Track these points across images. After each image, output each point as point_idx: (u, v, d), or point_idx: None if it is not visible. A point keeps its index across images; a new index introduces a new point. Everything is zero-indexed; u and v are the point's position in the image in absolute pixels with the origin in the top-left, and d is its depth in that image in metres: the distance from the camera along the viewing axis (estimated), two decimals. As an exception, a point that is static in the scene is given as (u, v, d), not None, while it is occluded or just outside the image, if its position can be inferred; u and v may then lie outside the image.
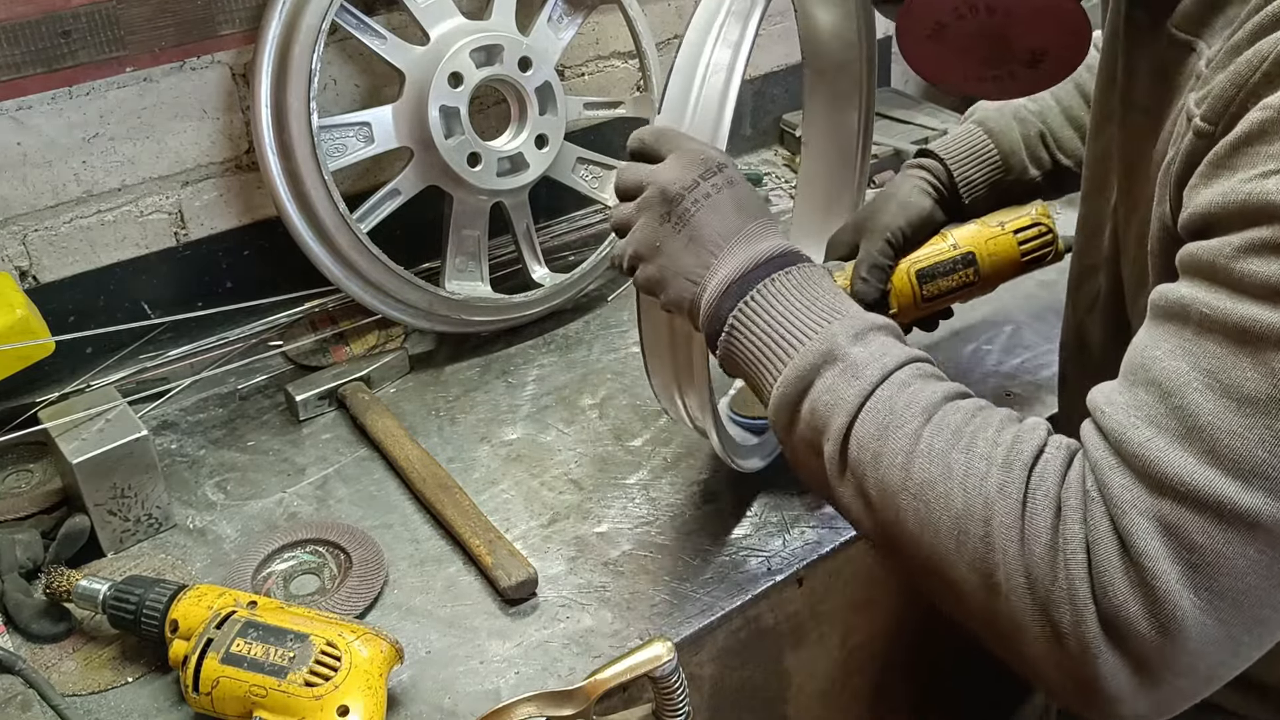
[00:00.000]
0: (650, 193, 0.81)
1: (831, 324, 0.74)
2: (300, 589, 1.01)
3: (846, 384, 0.71)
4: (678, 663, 0.84)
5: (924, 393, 0.70)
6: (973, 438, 0.67)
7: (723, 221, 0.79)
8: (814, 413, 0.72)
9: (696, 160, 0.81)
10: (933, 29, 0.77)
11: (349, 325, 1.31)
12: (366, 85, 1.34)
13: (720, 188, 0.80)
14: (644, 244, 0.82)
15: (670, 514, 1.10)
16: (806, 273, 0.77)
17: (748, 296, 0.76)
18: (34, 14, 1.09)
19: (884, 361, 0.72)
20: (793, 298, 0.76)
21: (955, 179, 1.12)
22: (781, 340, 0.75)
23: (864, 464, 0.70)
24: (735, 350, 0.77)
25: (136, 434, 1.03)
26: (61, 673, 0.93)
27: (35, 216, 1.18)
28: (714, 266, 0.79)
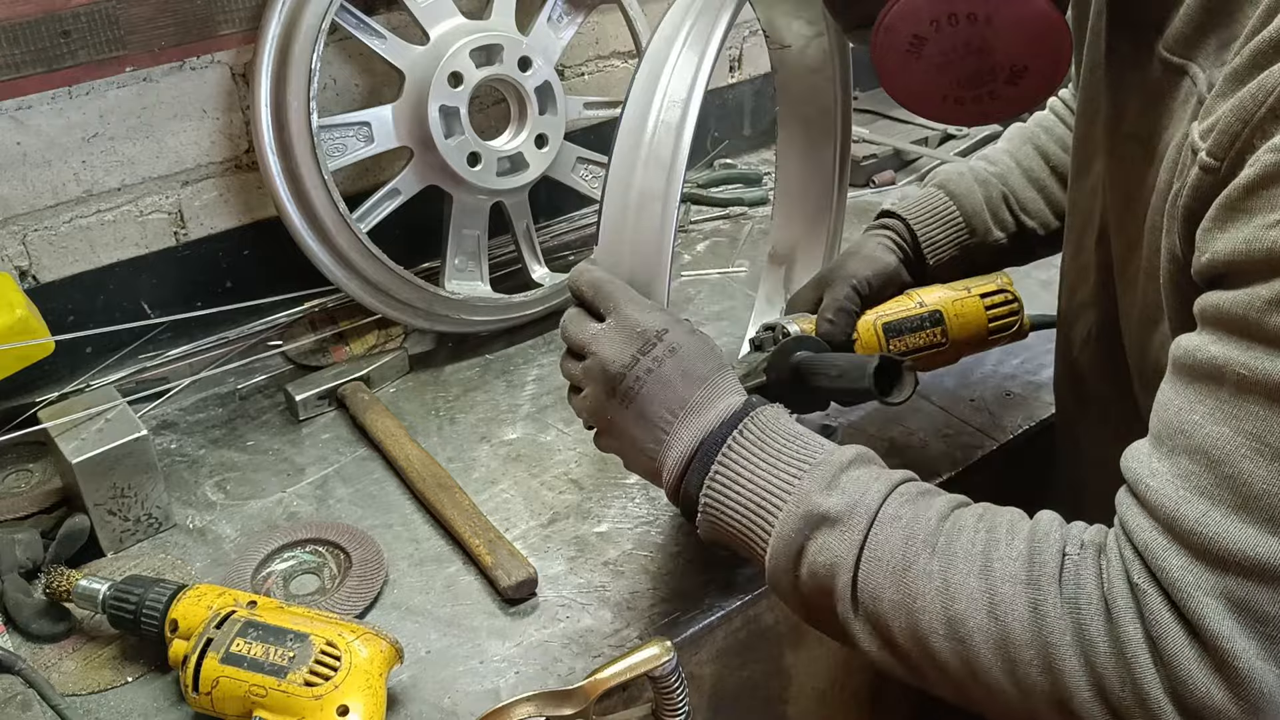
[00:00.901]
0: (593, 364, 0.80)
1: (801, 479, 0.72)
2: (300, 589, 1.01)
3: (837, 540, 0.70)
4: (677, 662, 0.84)
5: (918, 520, 0.69)
6: (987, 559, 0.66)
7: (669, 395, 0.78)
8: (814, 576, 0.71)
9: (634, 334, 0.79)
10: (910, 43, 0.75)
11: (349, 325, 1.31)
12: (366, 85, 1.34)
13: (661, 360, 0.78)
14: (595, 416, 0.82)
15: (670, 514, 1.09)
16: (761, 423, 0.76)
17: (712, 470, 0.75)
18: (34, 14, 1.09)
19: (866, 503, 0.70)
20: (757, 458, 0.74)
21: (919, 239, 1.10)
22: (759, 509, 0.73)
23: (884, 615, 0.68)
24: (717, 527, 0.77)
25: (136, 434, 1.03)
26: (61, 672, 0.93)
27: (35, 216, 1.18)
28: (667, 443, 0.78)
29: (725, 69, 1.71)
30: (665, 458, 0.78)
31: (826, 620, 0.73)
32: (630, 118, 0.85)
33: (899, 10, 0.74)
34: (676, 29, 0.85)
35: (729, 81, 1.72)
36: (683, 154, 0.82)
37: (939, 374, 1.20)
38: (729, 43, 1.68)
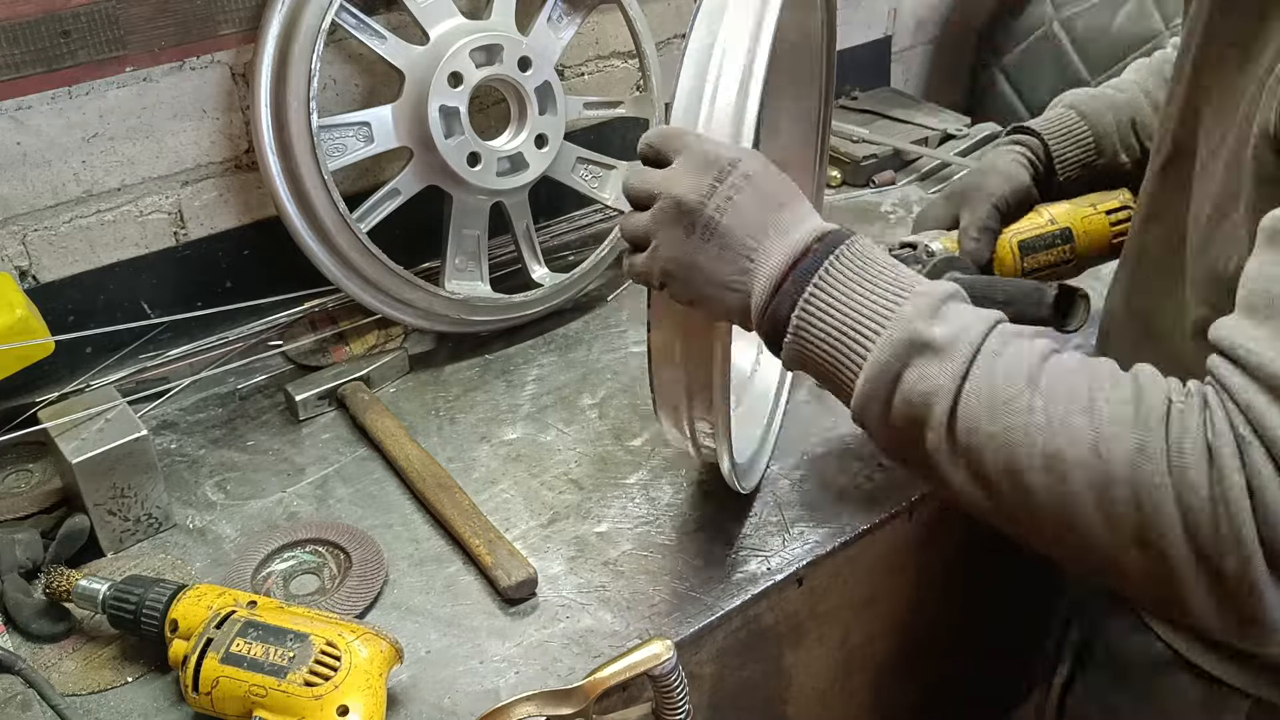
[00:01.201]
0: (666, 204, 0.78)
1: (903, 305, 0.71)
2: (300, 589, 1.01)
3: (938, 368, 0.68)
4: (677, 662, 0.84)
5: (1020, 358, 0.68)
6: (1092, 399, 0.65)
7: (751, 220, 0.75)
8: (909, 403, 0.69)
9: (708, 163, 0.77)
10: None
11: (349, 325, 1.31)
12: (366, 85, 1.34)
13: (739, 187, 0.76)
14: (672, 261, 0.78)
15: (670, 513, 1.10)
16: (856, 250, 0.74)
17: (805, 293, 0.73)
18: (34, 14, 1.09)
19: (970, 336, 0.69)
20: (853, 283, 0.72)
21: (1052, 156, 1.12)
22: (854, 333, 0.71)
23: (979, 447, 0.67)
24: (806, 351, 0.74)
25: (136, 434, 1.03)
26: (61, 672, 0.93)
27: (35, 216, 1.18)
28: (753, 270, 0.75)
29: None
30: (753, 283, 0.75)
31: (912, 452, 0.71)
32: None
33: None
34: None
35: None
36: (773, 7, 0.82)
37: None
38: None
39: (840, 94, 1.86)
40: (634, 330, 1.38)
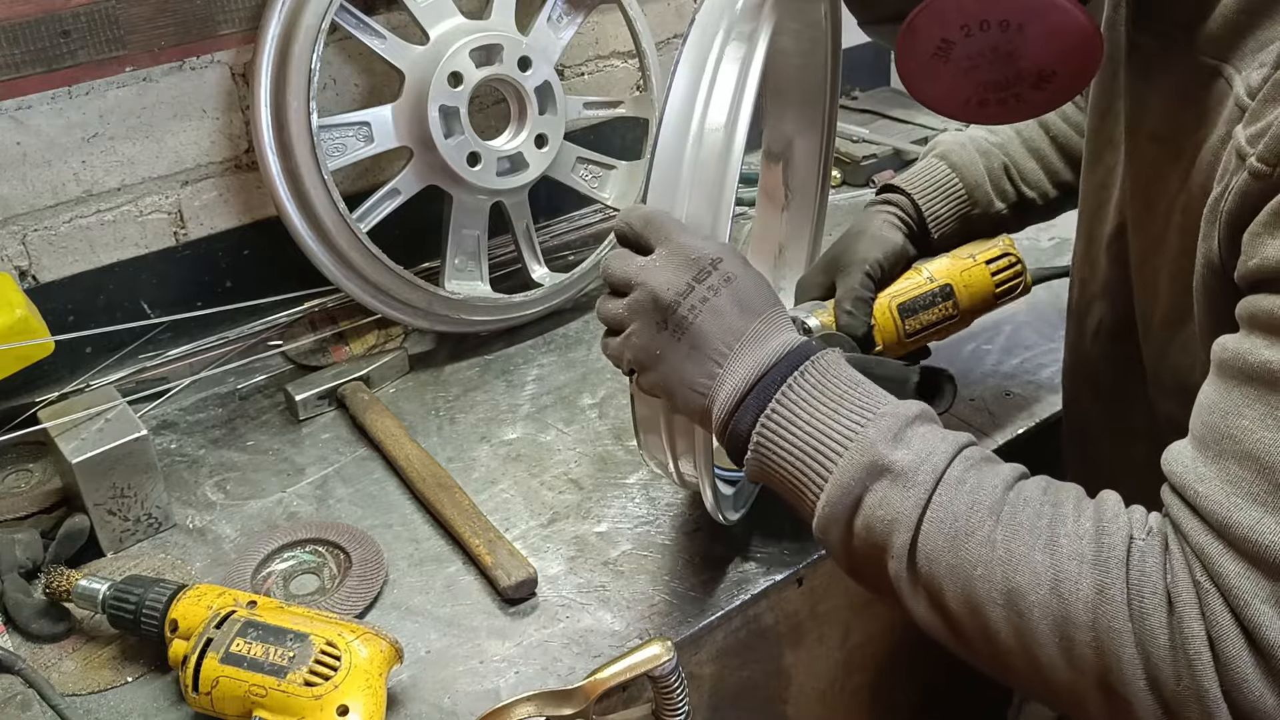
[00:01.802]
0: (641, 296, 0.77)
1: (866, 428, 0.70)
2: (300, 589, 1.01)
3: (900, 496, 0.68)
4: (677, 662, 0.84)
5: (984, 488, 0.67)
6: (1052, 534, 0.64)
7: (724, 326, 0.75)
8: (870, 529, 0.69)
9: (688, 260, 0.76)
10: (938, 47, 0.73)
11: (348, 325, 1.31)
12: (366, 85, 1.34)
13: (717, 289, 0.75)
14: (642, 351, 0.77)
15: (670, 513, 1.10)
16: (823, 366, 0.73)
17: (768, 409, 0.72)
18: (33, 13, 1.09)
19: (933, 461, 0.68)
20: (818, 401, 0.72)
21: (923, 213, 1.10)
22: (816, 453, 0.71)
23: (939, 578, 0.67)
24: (767, 467, 0.74)
25: (136, 434, 1.03)
26: (61, 672, 0.93)
27: (35, 216, 1.18)
28: (720, 376, 0.74)
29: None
30: (718, 392, 0.74)
31: (874, 576, 0.71)
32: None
33: (928, 14, 0.72)
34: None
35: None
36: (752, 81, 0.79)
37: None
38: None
39: (841, 93, 1.85)
40: (634, 330, 1.38)
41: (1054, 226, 1.60)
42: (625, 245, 0.81)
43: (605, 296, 0.81)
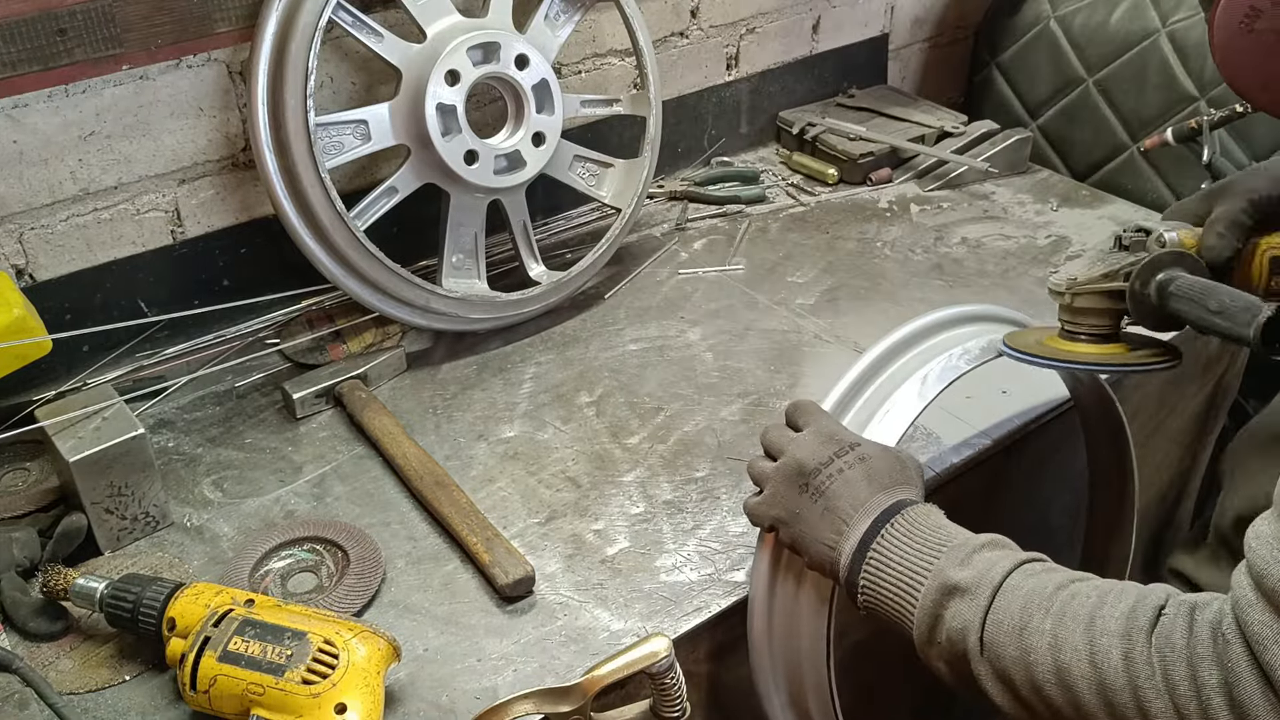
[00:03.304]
0: (789, 461, 0.89)
1: (939, 559, 0.80)
2: (298, 587, 1.01)
3: (967, 606, 0.77)
4: (675, 659, 0.84)
5: (1038, 589, 0.76)
6: (1091, 618, 0.72)
7: (854, 494, 0.86)
8: (951, 640, 0.79)
9: (832, 439, 0.89)
10: (1246, 15, 0.76)
11: (346, 323, 1.31)
12: (363, 83, 1.34)
13: (852, 464, 0.87)
14: (784, 510, 0.89)
15: (667, 511, 1.10)
16: (911, 517, 0.83)
17: (866, 557, 0.83)
18: (30, 11, 1.09)
19: (992, 574, 0.78)
20: (905, 545, 0.82)
21: None
22: (906, 587, 0.81)
23: (1007, 670, 0.75)
24: (872, 605, 0.84)
25: (133, 432, 1.03)
26: (59, 671, 0.93)
27: (31, 215, 1.18)
28: (846, 533, 0.85)
29: (723, 67, 1.71)
30: (843, 547, 0.85)
31: (965, 679, 0.79)
32: None
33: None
34: None
35: (726, 79, 1.72)
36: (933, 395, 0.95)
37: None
38: (726, 41, 1.69)
39: (837, 91, 1.86)
40: (631, 328, 1.38)
41: (1052, 225, 1.60)
42: (786, 424, 0.94)
43: (756, 459, 0.94)
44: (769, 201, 1.66)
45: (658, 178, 1.66)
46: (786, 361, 1.31)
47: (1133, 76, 1.77)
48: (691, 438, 1.19)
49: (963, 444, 1.17)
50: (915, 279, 1.47)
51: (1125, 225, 0.99)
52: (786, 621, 0.95)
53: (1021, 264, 1.49)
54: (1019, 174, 1.73)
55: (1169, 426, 1.50)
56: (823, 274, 1.48)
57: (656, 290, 1.45)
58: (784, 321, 1.39)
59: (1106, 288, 0.93)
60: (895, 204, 1.65)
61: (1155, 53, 1.74)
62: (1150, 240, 0.95)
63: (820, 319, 1.39)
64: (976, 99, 2.02)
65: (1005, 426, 1.19)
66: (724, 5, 1.66)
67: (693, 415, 1.23)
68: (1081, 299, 0.96)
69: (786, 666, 0.96)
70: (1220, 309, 0.85)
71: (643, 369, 1.30)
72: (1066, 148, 1.89)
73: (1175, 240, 0.94)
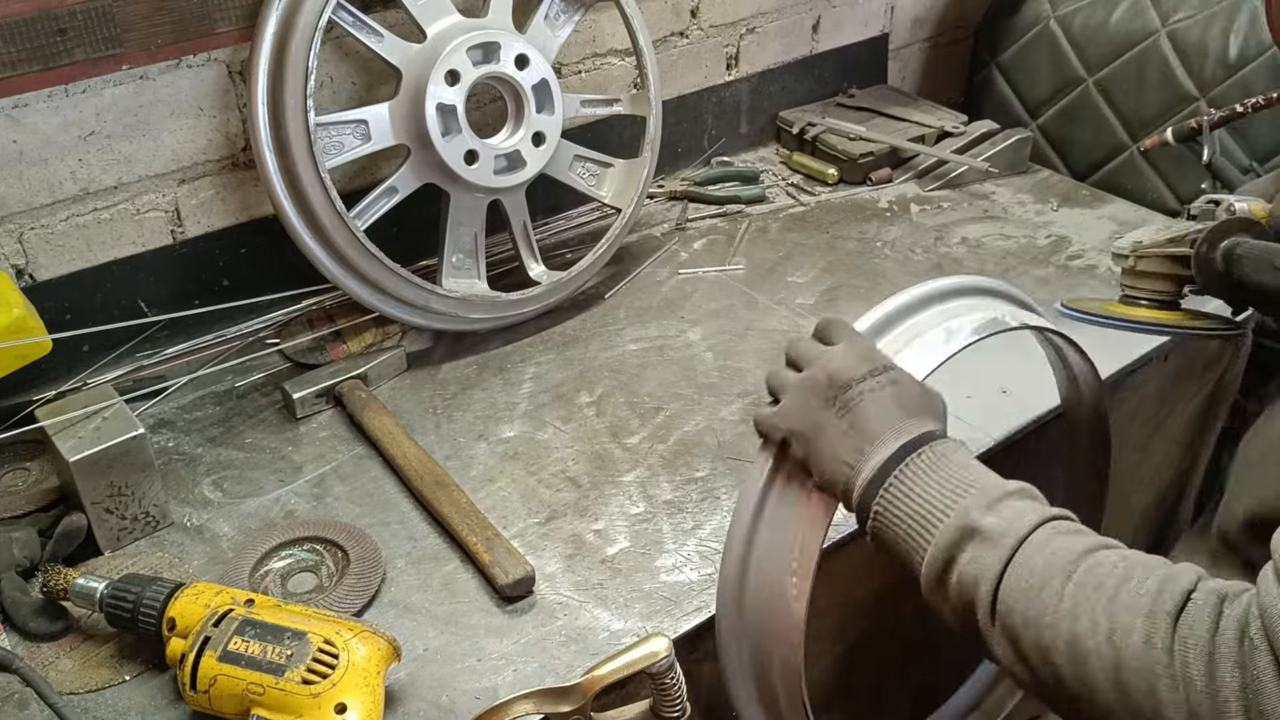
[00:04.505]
0: (818, 373, 0.84)
1: (964, 498, 0.76)
2: (298, 587, 1.01)
3: (986, 554, 0.74)
4: (675, 659, 0.84)
5: (1063, 550, 0.72)
6: (1116, 590, 0.69)
7: (882, 415, 0.82)
8: (962, 585, 0.75)
9: (867, 356, 0.85)
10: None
11: (346, 323, 1.31)
12: (363, 83, 1.34)
13: (884, 384, 0.83)
14: (804, 423, 0.84)
15: (667, 511, 1.10)
16: (939, 450, 0.80)
17: (885, 484, 0.79)
18: (30, 11, 1.09)
19: (1018, 526, 0.74)
20: (928, 479, 0.78)
21: None
22: (923, 522, 0.77)
23: (1016, 628, 0.72)
24: (882, 534, 0.80)
25: (133, 432, 1.03)
26: (59, 671, 0.93)
27: (31, 215, 1.18)
28: (868, 454, 0.81)
29: (723, 67, 1.71)
30: (862, 467, 0.81)
31: (971, 628, 0.76)
32: None
33: None
34: None
35: (726, 79, 1.72)
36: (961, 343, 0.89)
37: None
38: (726, 41, 1.69)
39: (837, 91, 1.86)
40: (630, 328, 1.38)
41: (1052, 225, 1.60)
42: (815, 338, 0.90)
43: (779, 369, 0.88)
44: (769, 201, 1.66)
45: (658, 178, 1.66)
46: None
47: (1133, 76, 1.77)
48: (691, 438, 1.19)
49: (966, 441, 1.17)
50: (915, 279, 1.46)
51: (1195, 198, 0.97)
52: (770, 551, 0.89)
53: (1021, 264, 1.49)
54: (1019, 174, 1.73)
55: (1169, 426, 1.50)
56: (823, 274, 1.48)
57: (656, 290, 1.45)
58: (784, 321, 1.39)
59: (1172, 252, 0.91)
60: (895, 204, 1.65)
61: (1155, 53, 1.74)
62: (1220, 210, 0.93)
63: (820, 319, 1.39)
64: (976, 99, 2.02)
65: (1005, 427, 1.19)
66: (724, 5, 1.66)
67: (693, 415, 1.23)
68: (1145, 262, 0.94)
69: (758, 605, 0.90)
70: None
71: (643, 369, 1.30)
72: (1066, 148, 1.89)
73: (1245, 210, 0.93)
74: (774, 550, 0.88)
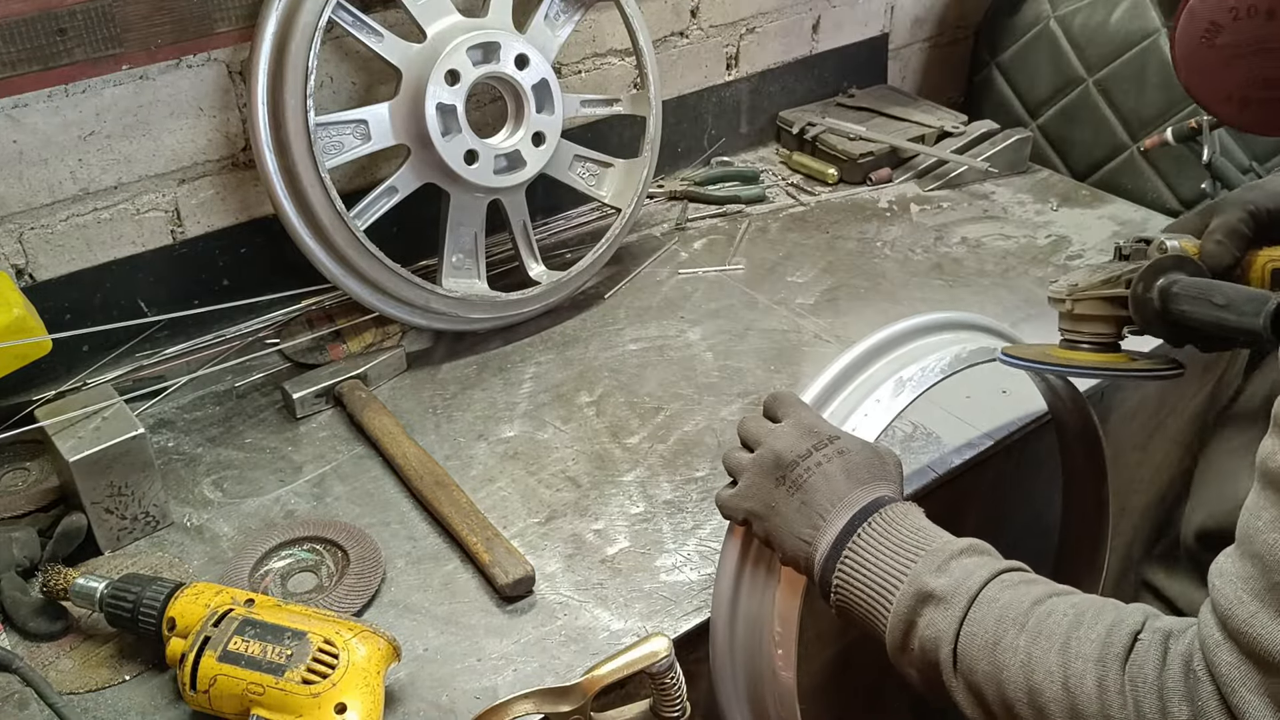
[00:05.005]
0: (765, 453, 0.86)
1: (915, 563, 0.78)
2: (297, 587, 1.01)
3: (941, 616, 0.75)
4: (675, 659, 0.84)
5: (1014, 603, 0.74)
6: (1067, 638, 0.70)
7: (832, 488, 0.83)
8: (923, 649, 0.77)
9: (810, 432, 0.86)
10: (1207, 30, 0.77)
11: (346, 323, 1.31)
12: (363, 83, 1.34)
13: (831, 457, 0.85)
14: (759, 503, 0.86)
15: (667, 511, 1.10)
16: (889, 517, 0.81)
17: (840, 557, 0.81)
18: (30, 11, 1.09)
19: (968, 584, 0.75)
20: (881, 546, 0.80)
21: None
22: (880, 590, 0.79)
23: (979, 685, 0.73)
24: (844, 605, 0.81)
25: (133, 432, 1.03)
26: (59, 671, 0.93)
27: (31, 215, 1.18)
28: (822, 529, 0.82)
29: (723, 67, 1.71)
30: (819, 542, 0.82)
31: (937, 688, 0.78)
32: None
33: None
34: None
35: (726, 79, 1.72)
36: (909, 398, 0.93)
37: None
38: (726, 41, 1.68)
39: (837, 91, 1.86)
40: (630, 328, 1.38)
41: (1052, 225, 1.60)
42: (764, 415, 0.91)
43: (733, 450, 0.91)
44: (769, 201, 1.66)
45: (658, 177, 1.66)
46: (786, 361, 1.31)
47: (1133, 76, 1.77)
48: (691, 437, 1.19)
49: (963, 444, 1.17)
50: (915, 279, 1.47)
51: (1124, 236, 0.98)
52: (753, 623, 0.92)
53: (1021, 264, 1.49)
54: (1019, 174, 1.73)
55: (1169, 427, 1.50)
56: (823, 274, 1.48)
57: (656, 290, 1.45)
58: (784, 321, 1.39)
59: (1108, 293, 0.92)
60: (895, 204, 1.65)
61: (1155, 52, 1.74)
62: (1151, 248, 0.94)
63: (820, 319, 1.39)
64: (976, 99, 2.02)
65: (1005, 427, 1.19)
66: (724, 5, 1.66)
67: (693, 415, 1.23)
68: (1082, 305, 0.94)
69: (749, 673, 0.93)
70: (1226, 302, 0.84)
71: (643, 369, 1.30)
72: (1066, 148, 1.89)
73: (1176, 248, 0.94)
74: (756, 623, 0.91)
